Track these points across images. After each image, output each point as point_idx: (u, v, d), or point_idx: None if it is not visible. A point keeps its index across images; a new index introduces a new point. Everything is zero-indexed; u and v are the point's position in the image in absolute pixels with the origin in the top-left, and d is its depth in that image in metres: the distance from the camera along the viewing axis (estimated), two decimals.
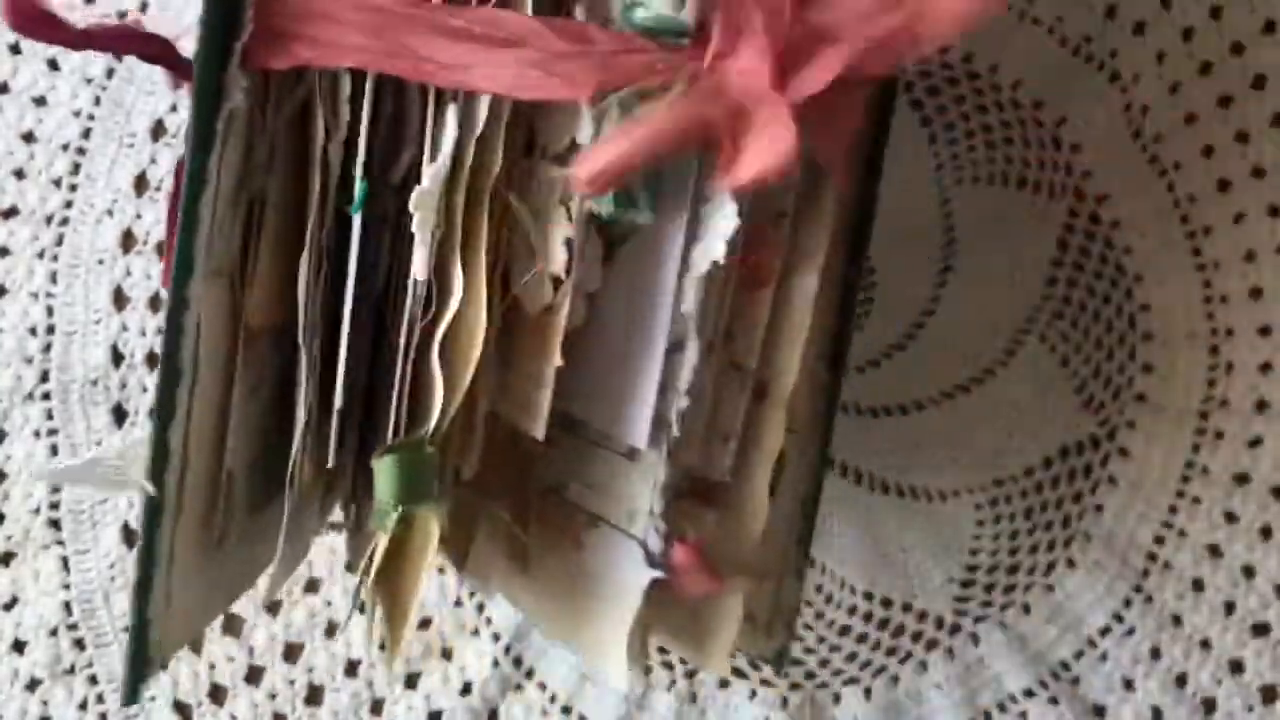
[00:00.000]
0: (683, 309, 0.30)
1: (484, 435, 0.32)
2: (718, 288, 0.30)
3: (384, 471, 0.29)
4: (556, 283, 0.29)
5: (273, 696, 0.44)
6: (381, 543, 0.30)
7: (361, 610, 0.32)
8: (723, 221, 0.29)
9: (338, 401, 0.30)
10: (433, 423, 0.29)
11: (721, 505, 0.33)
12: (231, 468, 0.31)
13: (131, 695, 0.31)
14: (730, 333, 0.31)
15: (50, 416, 0.44)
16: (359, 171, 0.28)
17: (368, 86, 0.28)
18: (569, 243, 0.29)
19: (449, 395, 0.29)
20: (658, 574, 0.31)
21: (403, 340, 0.29)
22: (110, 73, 0.44)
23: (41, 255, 0.44)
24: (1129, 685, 0.45)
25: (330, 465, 0.31)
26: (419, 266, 0.28)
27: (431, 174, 0.28)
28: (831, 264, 0.33)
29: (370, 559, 0.30)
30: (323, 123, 0.28)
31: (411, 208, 0.28)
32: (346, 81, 0.28)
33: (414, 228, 0.28)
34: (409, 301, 0.29)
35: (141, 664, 0.30)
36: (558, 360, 0.29)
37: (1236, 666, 0.45)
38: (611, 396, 0.31)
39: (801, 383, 0.32)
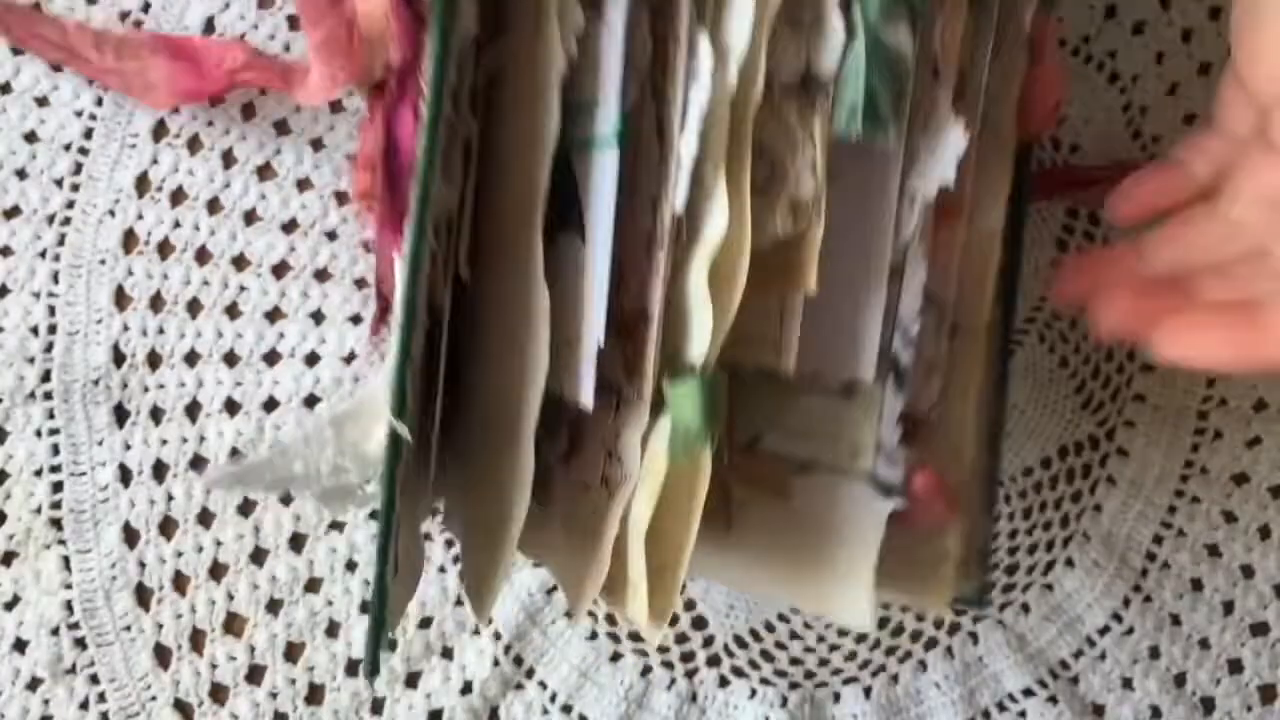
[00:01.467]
0: (903, 236, 0.30)
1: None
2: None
3: (688, 397, 0.28)
4: (795, 210, 0.29)
5: (274, 695, 0.44)
6: (654, 485, 0.28)
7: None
8: (953, 143, 0.29)
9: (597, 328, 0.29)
10: (701, 350, 0.28)
11: (924, 442, 0.32)
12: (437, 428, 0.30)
13: (374, 665, 0.30)
14: None
15: (52, 416, 0.44)
16: (614, 102, 0.28)
17: (620, 16, 0.28)
18: (815, 167, 0.29)
19: (719, 320, 0.28)
20: (897, 504, 0.30)
21: (661, 269, 0.28)
22: None
23: (43, 255, 0.44)
24: (1128, 684, 0.45)
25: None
26: (681, 194, 0.28)
27: (702, 100, 0.27)
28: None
29: (626, 514, 0.29)
30: (562, 53, 0.28)
31: (685, 134, 0.27)
32: (578, 11, 0.28)
33: (681, 154, 0.28)
34: (662, 232, 0.28)
35: (382, 629, 0.30)
36: (812, 286, 0.29)
37: (1235, 666, 0.45)
38: (826, 332, 0.30)
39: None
